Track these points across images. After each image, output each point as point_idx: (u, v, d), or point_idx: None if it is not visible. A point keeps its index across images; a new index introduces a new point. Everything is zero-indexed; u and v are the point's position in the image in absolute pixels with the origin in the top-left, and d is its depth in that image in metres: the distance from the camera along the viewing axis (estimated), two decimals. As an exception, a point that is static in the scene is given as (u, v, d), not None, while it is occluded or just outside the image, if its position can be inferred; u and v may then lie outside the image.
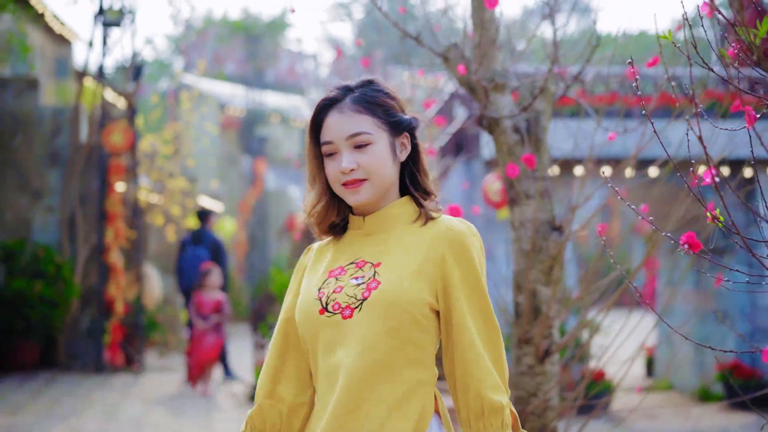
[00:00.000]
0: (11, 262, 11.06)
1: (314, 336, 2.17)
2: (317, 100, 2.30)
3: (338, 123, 2.19)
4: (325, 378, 2.15)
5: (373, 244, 2.22)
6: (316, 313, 2.16)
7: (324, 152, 2.22)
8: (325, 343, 2.15)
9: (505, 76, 4.08)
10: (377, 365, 2.10)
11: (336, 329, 2.13)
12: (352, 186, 2.18)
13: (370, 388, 2.09)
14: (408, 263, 2.15)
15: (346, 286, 2.16)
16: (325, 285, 2.20)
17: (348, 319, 2.12)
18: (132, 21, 11.84)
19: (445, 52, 4.22)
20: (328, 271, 2.24)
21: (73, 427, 7.95)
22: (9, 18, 11.54)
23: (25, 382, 10.32)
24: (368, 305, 2.11)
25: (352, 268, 2.20)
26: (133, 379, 11.02)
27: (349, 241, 2.28)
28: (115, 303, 11.47)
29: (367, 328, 2.10)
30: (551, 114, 4.22)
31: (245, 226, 21.56)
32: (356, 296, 2.13)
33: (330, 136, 2.20)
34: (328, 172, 2.21)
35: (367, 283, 2.15)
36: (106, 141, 11.49)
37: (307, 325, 2.19)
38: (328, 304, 2.16)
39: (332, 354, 2.14)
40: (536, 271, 4.07)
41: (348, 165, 2.16)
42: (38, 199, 11.61)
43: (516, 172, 3.80)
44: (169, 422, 8.40)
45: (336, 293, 2.16)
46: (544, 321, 4.03)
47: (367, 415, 2.09)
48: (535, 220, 4.00)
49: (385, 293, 2.12)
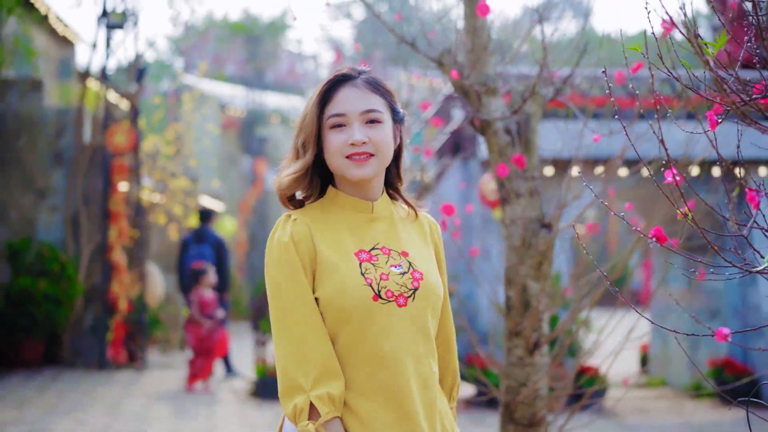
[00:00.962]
0: (16, 260, 11.25)
1: (366, 321, 2.19)
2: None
3: (353, 97, 2.26)
4: (379, 361, 2.19)
5: (385, 231, 2.30)
6: (370, 299, 2.18)
7: (330, 124, 2.26)
8: (379, 328, 2.19)
9: (496, 81, 4.26)
10: (432, 351, 2.28)
11: (389, 316, 2.20)
12: (359, 159, 2.24)
13: (431, 372, 2.26)
14: (429, 256, 2.35)
15: (391, 275, 2.23)
16: (366, 270, 2.22)
17: (402, 308, 2.21)
18: (135, 24, 12.02)
19: (440, 58, 4.40)
20: (353, 254, 2.24)
21: (79, 421, 8.14)
22: (14, 20, 11.71)
23: (30, 378, 10.51)
24: (419, 295, 2.23)
25: (380, 254, 2.25)
26: (135, 375, 11.21)
27: (353, 222, 2.30)
28: (119, 301, 11.66)
29: (420, 317, 2.24)
30: (541, 116, 4.41)
31: (245, 225, 21.75)
32: (407, 285, 2.22)
33: (343, 108, 2.25)
34: (333, 142, 2.24)
35: (412, 273, 2.25)
36: (109, 141, 11.68)
37: (359, 309, 2.19)
38: (381, 291, 2.20)
39: (387, 339, 2.19)
40: (526, 267, 4.25)
41: (361, 137, 2.22)
42: (42, 199, 11.80)
43: (506, 171, 3.99)
44: (172, 418, 8.59)
45: (384, 281, 2.21)
46: (534, 314, 4.22)
47: (435, 395, 2.26)
48: (525, 217, 4.19)
49: (430, 285, 2.26)
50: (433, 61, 4.43)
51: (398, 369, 2.18)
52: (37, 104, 11.90)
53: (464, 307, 9.78)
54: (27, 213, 11.75)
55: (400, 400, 2.17)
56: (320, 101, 2.27)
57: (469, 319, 9.52)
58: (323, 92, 2.27)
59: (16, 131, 11.77)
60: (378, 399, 2.17)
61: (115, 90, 12.20)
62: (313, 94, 2.31)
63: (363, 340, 2.19)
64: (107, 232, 11.69)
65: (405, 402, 2.18)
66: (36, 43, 13.07)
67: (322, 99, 2.27)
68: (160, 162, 13.84)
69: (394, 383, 2.18)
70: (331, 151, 2.24)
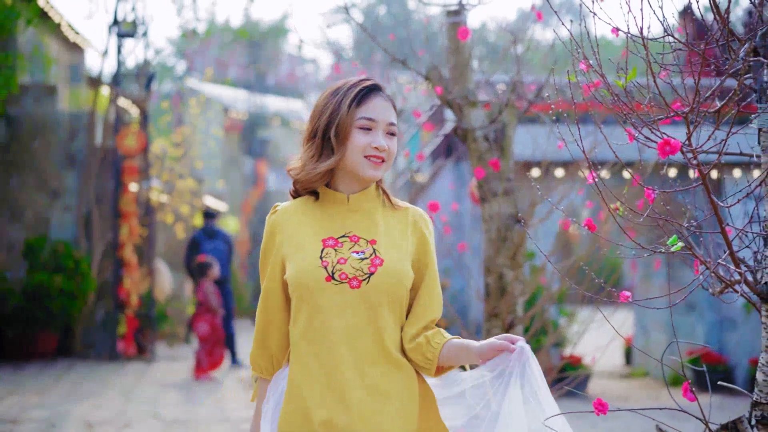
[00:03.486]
0: (32, 256, 11.87)
1: (317, 299, 2.42)
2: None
3: (382, 107, 2.49)
4: (324, 335, 2.43)
5: (360, 221, 2.51)
6: (323, 280, 2.42)
7: (360, 125, 2.46)
8: (330, 306, 2.42)
9: (476, 94, 4.88)
10: (385, 329, 2.44)
11: (342, 296, 2.42)
12: (376, 162, 2.47)
13: (380, 349, 2.43)
14: (401, 247, 2.50)
15: (350, 259, 2.44)
16: (326, 255, 2.45)
17: (355, 289, 2.42)
18: (144, 34, 12.65)
19: (428, 74, 5.02)
20: (320, 240, 2.47)
21: (96, 405, 8.75)
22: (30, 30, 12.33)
23: (45, 368, 11.13)
24: (375, 279, 2.42)
25: (347, 241, 2.47)
26: (145, 366, 11.82)
27: (331, 213, 2.52)
28: (129, 296, 12.28)
29: (373, 299, 2.43)
30: (517, 124, 5.02)
31: (247, 225, 22.35)
32: (363, 270, 2.43)
33: (375, 114, 2.47)
34: (359, 141, 2.45)
35: (372, 259, 2.44)
36: (120, 144, 12.31)
37: (311, 289, 2.42)
38: (335, 273, 2.42)
39: (337, 316, 2.42)
40: (502, 257, 4.87)
41: (384, 145, 2.47)
42: (56, 199, 12.42)
43: (483, 174, 4.61)
44: (182, 403, 9.20)
45: (341, 264, 2.43)
46: (509, 298, 4.84)
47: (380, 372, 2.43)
48: (501, 214, 4.80)
49: (388, 270, 2.44)
50: (421, 76, 5.06)
51: (339, 343, 2.40)
52: (50, 109, 12.53)
53: (456, 301, 10.39)
54: (42, 212, 12.37)
55: (330, 372, 2.40)
56: (356, 102, 2.47)
57: (459, 312, 10.12)
58: (359, 95, 2.48)
59: (31, 135, 12.39)
60: (313, 369, 2.42)
61: (125, 95, 12.82)
62: (343, 94, 2.49)
63: (316, 316, 2.42)
64: (118, 230, 12.30)
65: (335, 374, 2.39)
66: (49, 49, 13.70)
67: (357, 101, 2.47)
68: (167, 164, 14.46)
69: (330, 357, 2.40)
70: (353, 148, 2.45)
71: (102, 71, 12.73)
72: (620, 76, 2.59)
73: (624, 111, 2.54)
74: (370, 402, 2.40)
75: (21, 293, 11.59)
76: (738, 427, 2.77)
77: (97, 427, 7.65)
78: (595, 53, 2.48)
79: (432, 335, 2.47)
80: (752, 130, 2.69)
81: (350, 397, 2.38)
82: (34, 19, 10.89)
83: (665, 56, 2.75)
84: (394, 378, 2.44)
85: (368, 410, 2.39)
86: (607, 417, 9.00)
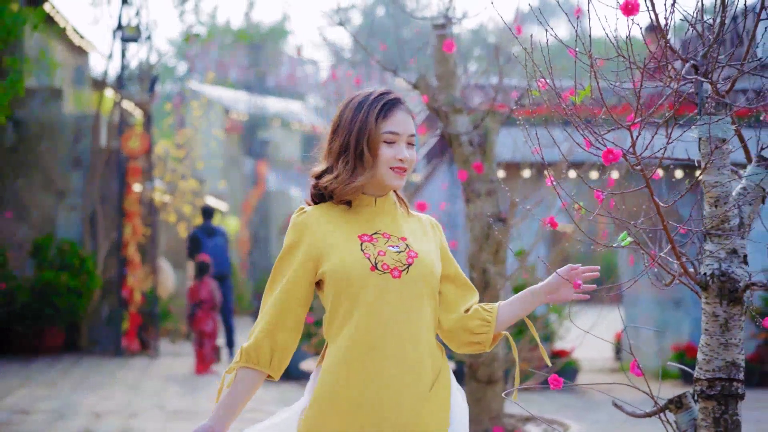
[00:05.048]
0: (39, 255, 12.24)
1: (360, 289, 2.52)
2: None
3: (404, 121, 2.62)
4: (372, 323, 2.51)
5: (386, 221, 2.65)
6: (367, 270, 2.52)
7: (385, 138, 2.58)
8: (374, 295, 2.52)
9: (461, 102, 5.25)
10: (424, 318, 2.59)
11: (386, 286, 2.53)
12: (400, 172, 2.60)
13: (419, 334, 2.56)
14: (427, 242, 2.67)
15: (388, 252, 2.56)
16: (365, 248, 2.56)
17: (397, 279, 2.54)
18: (148, 38, 13.01)
19: (417, 82, 5.39)
20: (356, 236, 2.59)
21: (103, 397, 9.12)
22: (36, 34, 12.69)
23: (53, 363, 11.51)
24: (413, 270, 2.56)
25: (380, 237, 2.60)
26: (149, 362, 12.19)
27: (359, 214, 2.64)
28: (133, 294, 12.65)
29: (413, 288, 2.56)
30: (499, 129, 5.39)
31: (248, 224, 22.71)
32: (402, 261, 2.56)
33: (399, 128, 2.60)
34: (386, 155, 2.58)
35: (407, 252, 2.58)
36: (124, 146, 12.68)
37: (353, 280, 2.52)
38: (378, 263, 2.54)
39: (386, 305, 2.52)
40: (486, 253, 5.23)
41: (407, 156, 2.61)
42: (62, 199, 12.79)
43: (466, 176, 4.97)
44: (187, 395, 9.56)
45: (381, 255, 2.55)
46: (492, 291, 5.20)
47: (422, 354, 2.56)
48: (484, 213, 5.17)
49: (423, 262, 2.59)
50: (411, 84, 5.42)
51: (387, 333, 2.51)
52: (56, 111, 12.91)
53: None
54: (48, 212, 12.74)
55: (374, 358, 2.49)
56: (382, 116, 2.59)
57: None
58: (383, 109, 2.60)
59: (38, 137, 12.76)
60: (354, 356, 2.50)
61: (129, 98, 13.18)
62: (369, 108, 2.60)
63: (359, 305, 2.51)
64: (122, 229, 12.67)
65: (378, 360, 2.49)
66: (54, 53, 14.07)
67: (382, 115, 2.59)
68: (170, 165, 14.84)
69: (373, 345, 2.50)
70: (381, 160, 2.58)
71: (106, 74, 13.11)
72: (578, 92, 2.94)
73: (574, 119, 2.87)
74: (413, 388, 2.50)
75: (29, 291, 11.96)
76: (682, 401, 3.12)
77: (105, 417, 8.02)
78: (548, 66, 2.81)
79: (483, 305, 2.68)
80: (694, 137, 3.04)
81: (391, 383, 2.49)
82: (40, 24, 11.25)
83: (618, 71, 3.09)
84: (430, 365, 2.56)
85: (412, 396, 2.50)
86: (593, 408, 9.37)
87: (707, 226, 2.93)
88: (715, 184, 2.92)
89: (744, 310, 2.95)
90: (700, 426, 3.00)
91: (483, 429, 5.28)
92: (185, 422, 7.93)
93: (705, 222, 2.96)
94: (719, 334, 3.00)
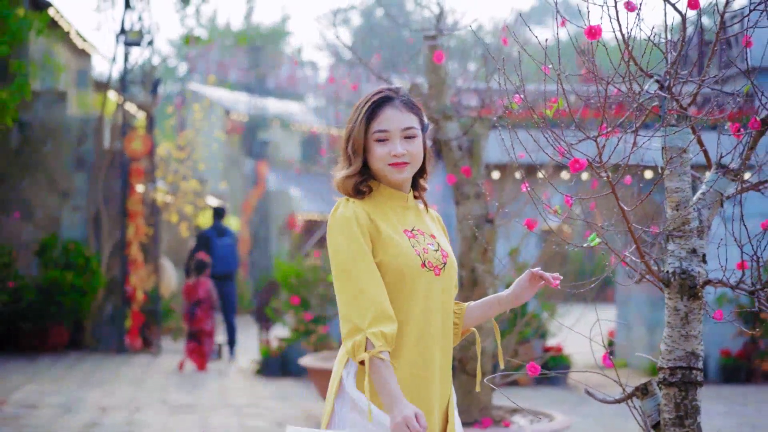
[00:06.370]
0: (45, 255, 12.53)
1: (415, 282, 2.66)
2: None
3: (394, 117, 2.68)
4: (422, 314, 2.67)
5: (416, 218, 2.80)
6: (419, 266, 2.66)
7: (376, 138, 2.68)
8: (423, 290, 2.67)
9: (451, 109, 5.53)
10: (450, 314, 2.78)
11: (429, 282, 2.69)
12: (399, 166, 2.69)
13: (451, 327, 2.79)
14: (446, 239, 2.85)
15: (429, 250, 2.71)
16: (415, 245, 2.70)
17: (437, 277, 2.70)
18: (150, 42, 13.28)
19: (409, 89, 5.67)
20: (402, 230, 2.71)
21: (108, 392, 9.40)
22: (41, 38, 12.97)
23: (58, 360, 11.80)
24: (447, 268, 2.74)
25: (418, 234, 2.73)
26: (151, 359, 12.47)
27: (393, 209, 2.75)
28: (135, 292, 12.94)
29: (448, 284, 2.75)
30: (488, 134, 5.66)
31: (248, 224, 22.97)
32: (439, 260, 2.72)
33: (386, 126, 2.67)
34: (378, 153, 2.68)
35: (441, 251, 2.74)
36: (127, 147, 12.96)
37: (405, 275, 2.65)
38: (426, 261, 2.69)
39: (431, 300, 2.69)
40: (474, 253, 5.51)
41: (401, 151, 2.68)
42: (67, 200, 13.08)
43: (454, 180, 5.25)
44: (189, 390, 9.84)
45: (426, 254, 2.70)
46: (480, 289, 5.48)
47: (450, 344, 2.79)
48: (473, 215, 5.45)
49: (451, 261, 2.77)
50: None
51: (432, 323, 2.69)
52: (60, 113, 13.19)
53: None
54: (52, 212, 13.03)
55: (422, 351, 2.67)
56: (367, 118, 2.69)
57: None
58: (369, 110, 2.69)
59: (42, 138, 13.06)
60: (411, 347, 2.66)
61: (132, 100, 13.46)
62: (359, 110, 2.71)
63: (411, 299, 2.66)
64: (125, 229, 12.96)
65: (429, 348, 2.68)
66: (58, 56, 14.36)
67: (370, 116, 2.69)
68: (172, 166, 15.12)
69: (425, 334, 2.67)
70: (376, 158, 2.69)
71: (110, 77, 13.39)
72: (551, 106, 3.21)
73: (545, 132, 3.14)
74: (448, 370, 2.77)
75: (35, 289, 12.25)
76: (648, 388, 3.41)
77: (110, 411, 8.30)
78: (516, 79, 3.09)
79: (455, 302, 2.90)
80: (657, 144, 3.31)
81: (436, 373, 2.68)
82: (45, 28, 11.52)
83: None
84: (451, 353, 2.82)
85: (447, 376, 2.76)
86: (584, 403, 9.64)
87: (669, 228, 3.20)
88: (677, 190, 3.20)
89: (701, 305, 3.23)
90: (663, 410, 3.29)
91: (473, 419, 5.55)
92: (188, 415, 8.21)
93: (667, 224, 3.24)
94: (680, 327, 3.28)
